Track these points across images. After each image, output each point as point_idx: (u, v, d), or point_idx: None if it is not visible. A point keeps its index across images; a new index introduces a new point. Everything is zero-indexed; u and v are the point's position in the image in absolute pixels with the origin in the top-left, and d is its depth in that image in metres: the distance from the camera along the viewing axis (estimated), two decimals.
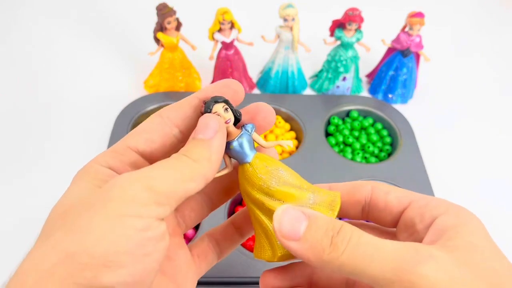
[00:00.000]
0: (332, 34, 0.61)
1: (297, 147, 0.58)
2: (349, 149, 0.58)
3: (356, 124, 0.60)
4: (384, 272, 0.18)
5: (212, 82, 0.64)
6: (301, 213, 0.20)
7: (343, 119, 0.62)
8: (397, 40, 0.61)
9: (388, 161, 0.56)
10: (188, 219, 0.26)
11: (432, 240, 0.20)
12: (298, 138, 0.59)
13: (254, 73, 0.67)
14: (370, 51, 0.62)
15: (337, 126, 0.61)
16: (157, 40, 0.59)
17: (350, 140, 0.58)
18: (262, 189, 0.23)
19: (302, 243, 0.19)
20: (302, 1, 0.64)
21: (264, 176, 0.23)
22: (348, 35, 0.60)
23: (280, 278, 0.24)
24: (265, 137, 0.58)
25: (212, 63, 0.62)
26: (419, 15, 0.58)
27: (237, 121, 0.24)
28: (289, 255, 0.23)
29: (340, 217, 0.25)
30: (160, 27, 0.57)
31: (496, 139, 0.63)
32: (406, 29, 0.60)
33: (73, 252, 0.17)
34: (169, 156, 0.21)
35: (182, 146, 0.22)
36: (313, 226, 0.20)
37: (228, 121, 0.23)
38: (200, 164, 0.20)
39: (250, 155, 0.24)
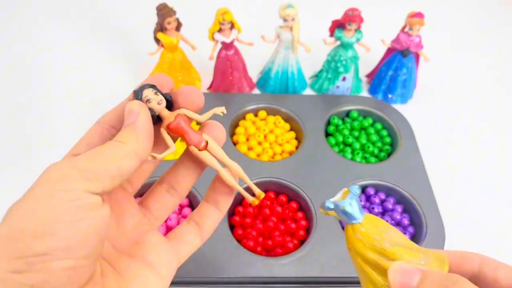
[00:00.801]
0: (332, 34, 0.61)
1: (297, 147, 0.58)
2: (349, 149, 0.58)
3: (356, 124, 0.60)
4: None
5: (212, 82, 0.64)
6: (415, 268, 0.21)
7: (343, 119, 0.62)
8: (396, 40, 0.61)
9: (388, 161, 0.56)
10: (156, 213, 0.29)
11: None
12: (298, 138, 0.59)
13: (254, 73, 0.68)
14: (370, 51, 0.62)
15: (337, 126, 0.61)
16: (157, 40, 0.59)
17: (350, 140, 0.58)
18: (376, 249, 0.24)
19: None
20: (302, 1, 0.65)
21: (378, 236, 0.24)
22: (348, 35, 0.60)
23: None
24: (265, 137, 0.58)
25: (212, 63, 0.62)
26: (419, 15, 0.58)
27: (169, 103, 0.26)
28: None
29: None
30: (160, 27, 0.57)
31: (496, 139, 0.63)
32: (406, 29, 0.60)
33: (4, 234, 0.18)
34: None
35: None
36: (427, 279, 0.20)
37: (160, 102, 0.25)
38: (129, 144, 0.23)
39: (361, 216, 0.24)
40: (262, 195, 0.28)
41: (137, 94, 0.25)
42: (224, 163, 0.28)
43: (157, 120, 0.25)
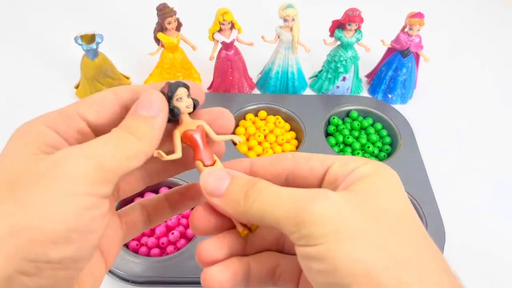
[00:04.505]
0: (332, 35, 0.61)
1: (297, 147, 0.58)
2: (349, 149, 0.58)
3: (356, 124, 0.60)
4: (284, 212, 0.20)
5: (212, 82, 0.65)
6: (226, 173, 0.22)
7: (343, 119, 0.62)
8: (396, 40, 0.61)
9: (387, 161, 0.56)
10: (122, 192, 0.26)
11: (345, 186, 0.21)
12: (298, 138, 0.59)
13: (254, 74, 0.68)
14: (370, 51, 0.62)
15: (337, 126, 0.61)
16: (157, 41, 0.59)
17: (350, 140, 0.58)
18: None
19: (223, 199, 0.22)
20: (302, 2, 0.65)
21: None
22: (348, 36, 0.60)
23: (219, 247, 0.23)
24: (265, 137, 0.58)
25: (213, 63, 0.62)
26: (419, 15, 0.58)
27: (194, 109, 0.24)
28: None
29: None
30: (161, 27, 0.57)
31: (495, 139, 0.63)
32: (406, 30, 0.61)
33: (24, 227, 0.17)
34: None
35: None
36: (233, 183, 0.22)
37: (189, 106, 0.23)
38: (143, 143, 0.21)
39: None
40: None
41: (171, 89, 0.23)
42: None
43: (171, 120, 0.24)
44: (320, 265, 0.19)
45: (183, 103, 0.23)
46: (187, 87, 0.23)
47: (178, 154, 0.24)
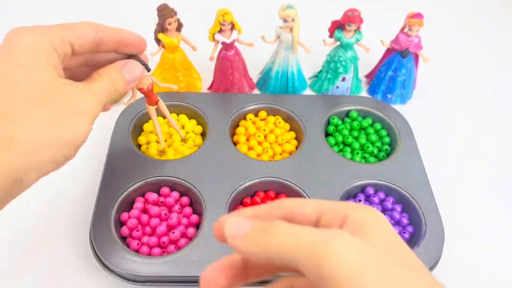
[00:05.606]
0: (331, 35, 0.62)
1: (297, 147, 0.58)
2: (348, 149, 0.59)
3: (355, 124, 0.60)
4: (300, 249, 0.20)
5: (213, 82, 0.65)
6: (245, 219, 0.24)
7: (342, 119, 0.63)
8: (396, 40, 0.62)
9: (387, 161, 0.56)
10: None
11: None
12: (298, 138, 0.60)
13: (254, 74, 0.68)
14: (369, 51, 0.62)
15: (336, 126, 0.61)
16: (158, 41, 0.59)
17: (350, 140, 0.59)
18: None
19: (245, 239, 0.23)
20: (302, 2, 0.65)
21: None
22: (347, 36, 0.60)
23: (225, 275, 0.25)
24: (265, 137, 0.58)
25: (213, 64, 0.63)
26: (418, 16, 0.58)
27: (148, 71, 0.40)
28: None
29: None
30: (161, 28, 0.58)
31: (495, 139, 0.63)
32: (405, 30, 0.61)
33: (58, 137, 0.29)
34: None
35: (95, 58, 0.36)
36: (253, 225, 0.23)
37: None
38: (117, 94, 0.35)
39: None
40: (187, 139, 0.41)
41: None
42: (165, 115, 0.51)
43: None
44: None
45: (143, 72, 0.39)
46: (140, 61, 0.37)
47: (135, 98, 0.46)
